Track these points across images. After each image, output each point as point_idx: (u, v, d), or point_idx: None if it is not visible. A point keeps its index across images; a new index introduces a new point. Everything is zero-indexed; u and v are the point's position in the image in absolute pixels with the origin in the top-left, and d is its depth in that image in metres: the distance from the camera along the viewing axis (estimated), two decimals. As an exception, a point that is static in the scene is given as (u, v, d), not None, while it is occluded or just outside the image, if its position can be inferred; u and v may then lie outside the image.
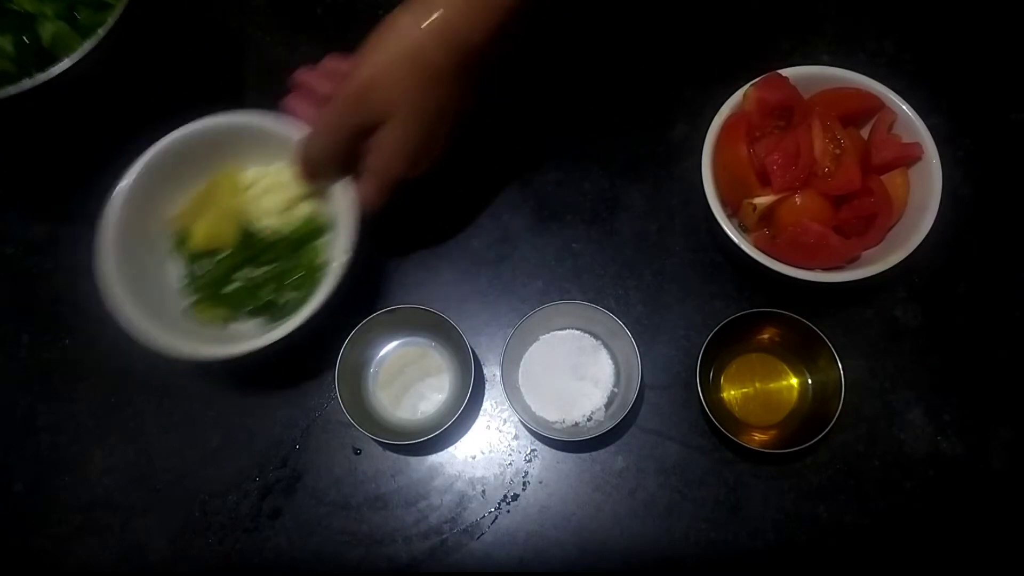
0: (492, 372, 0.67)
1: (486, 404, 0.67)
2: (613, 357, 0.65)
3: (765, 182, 0.63)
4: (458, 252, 0.70)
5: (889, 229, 0.64)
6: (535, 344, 0.66)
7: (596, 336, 0.66)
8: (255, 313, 0.64)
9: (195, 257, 0.65)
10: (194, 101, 0.66)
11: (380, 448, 0.65)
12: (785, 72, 0.65)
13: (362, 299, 0.68)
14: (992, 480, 0.63)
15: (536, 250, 0.70)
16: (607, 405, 0.64)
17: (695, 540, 0.62)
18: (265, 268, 0.64)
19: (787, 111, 0.64)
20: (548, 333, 0.66)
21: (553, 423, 0.63)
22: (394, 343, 0.67)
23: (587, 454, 0.65)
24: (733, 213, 0.65)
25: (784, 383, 0.65)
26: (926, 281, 0.68)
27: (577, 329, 0.66)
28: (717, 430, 0.61)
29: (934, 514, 0.62)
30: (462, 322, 0.63)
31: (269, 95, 0.63)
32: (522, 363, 0.65)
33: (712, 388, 0.64)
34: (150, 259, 0.64)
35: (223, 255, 0.64)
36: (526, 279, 0.69)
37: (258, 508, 0.64)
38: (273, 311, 0.63)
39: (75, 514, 0.65)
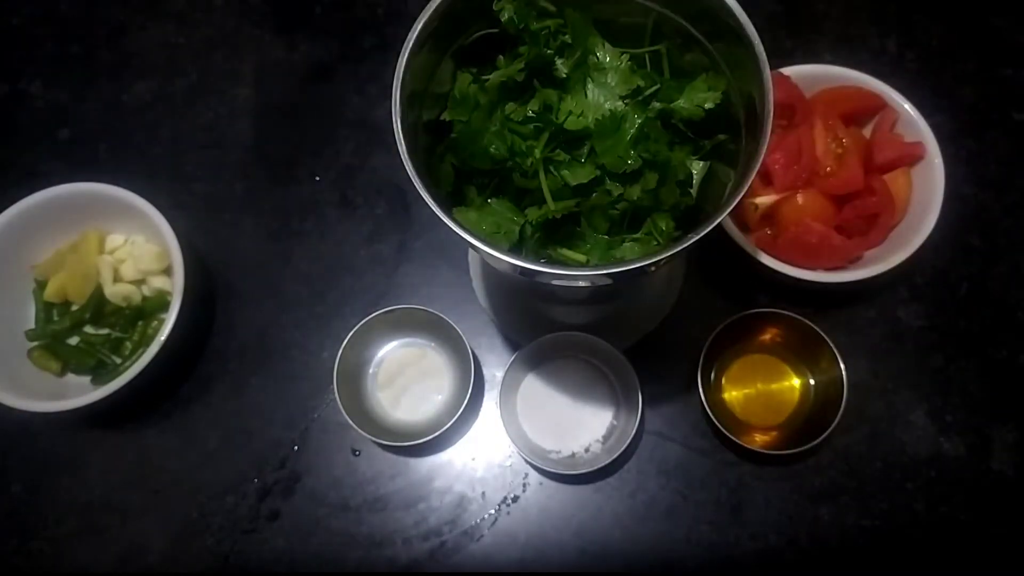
0: (492, 373, 0.67)
1: (486, 405, 0.66)
2: (614, 389, 0.64)
3: (767, 181, 0.63)
4: (458, 252, 0.70)
5: (891, 229, 0.63)
6: (535, 371, 0.65)
7: (598, 367, 0.65)
8: (86, 371, 0.65)
9: (50, 306, 0.67)
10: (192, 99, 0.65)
11: (379, 449, 0.65)
12: (787, 71, 0.65)
13: (361, 299, 0.68)
14: (994, 481, 0.63)
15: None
16: (605, 438, 0.63)
17: (696, 542, 0.62)
18: (106, 331, 0.67)
19: (789, 110, 0.64)
20: (550, 361, 0.65)
21: (549, 452, 0.63)
22: (393, 344, 0.66)
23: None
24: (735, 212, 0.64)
25: (786, 384, 0.65)
26: (928, 281, 0.67)
27: (579, 359, 0.65)
28: (719, 431, 0.61)
29: (936, 515, 0.62)
30: (462, 323, 0.63)
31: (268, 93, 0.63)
32: (520, 388, 0.65)
33: (714, 389, 0.64)
34: (5, 297, 0.66)
35: (75, 308, 0.67)
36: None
37: (257, 509, 0.64)
38: (101, 372, 0.65)
39: (73, 515, 0.65)
